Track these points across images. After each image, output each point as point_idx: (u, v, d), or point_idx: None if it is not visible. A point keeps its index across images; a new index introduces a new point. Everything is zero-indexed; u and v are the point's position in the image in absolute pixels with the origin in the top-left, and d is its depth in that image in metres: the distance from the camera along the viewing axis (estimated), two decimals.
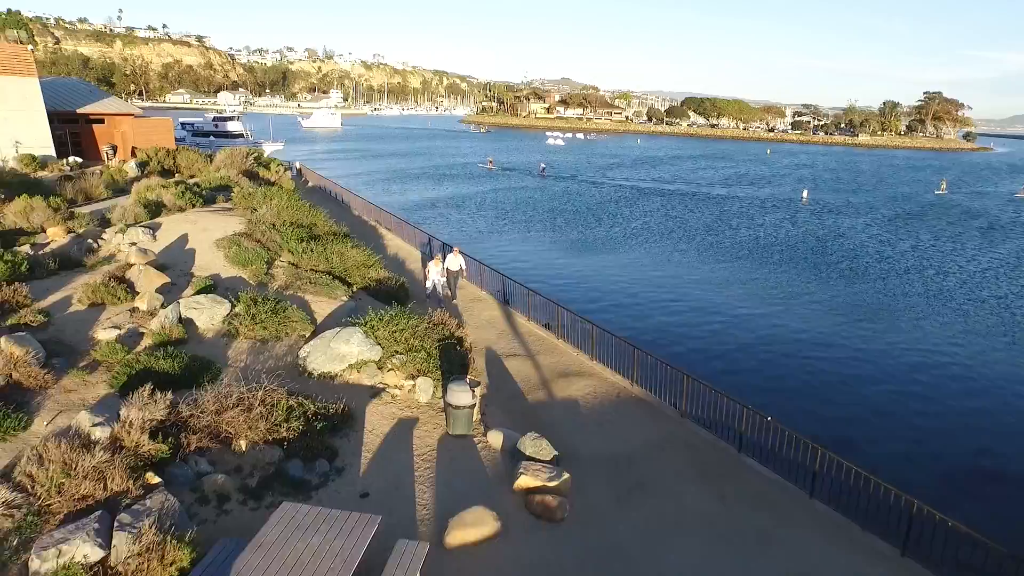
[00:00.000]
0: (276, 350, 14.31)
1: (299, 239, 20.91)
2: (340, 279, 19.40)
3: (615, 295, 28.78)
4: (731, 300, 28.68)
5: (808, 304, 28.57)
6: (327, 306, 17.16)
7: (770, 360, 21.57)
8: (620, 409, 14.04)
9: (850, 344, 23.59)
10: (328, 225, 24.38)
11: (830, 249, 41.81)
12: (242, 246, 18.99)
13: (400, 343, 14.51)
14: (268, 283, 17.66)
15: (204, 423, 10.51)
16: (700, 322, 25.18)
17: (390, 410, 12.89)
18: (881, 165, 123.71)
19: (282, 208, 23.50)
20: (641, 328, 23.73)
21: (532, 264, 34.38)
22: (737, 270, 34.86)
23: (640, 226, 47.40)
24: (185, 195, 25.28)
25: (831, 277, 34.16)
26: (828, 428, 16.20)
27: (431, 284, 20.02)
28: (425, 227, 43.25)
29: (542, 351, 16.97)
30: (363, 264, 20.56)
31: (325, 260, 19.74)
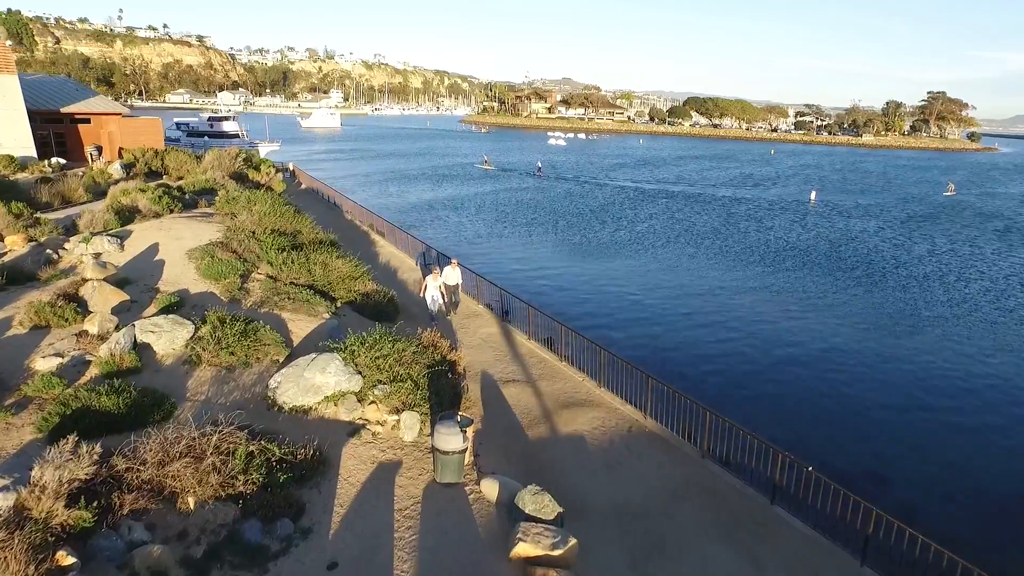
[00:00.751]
0: (244, 379, 12.66)
1: (279, 249, 19.26)
2: (322, 293, 17.75)
3: (622, 307, 27.06)
4: (747, 313, 26.87)
5: (829, 317, 26.78)
6: (306, 325, 15.52)
7: (796, 387, 19.57)
8: (632, 447, 12.37)
9: (883, 366, 21.63)
10: (314, 232, 22.73)
11: (844, 254, 40.12)
12: (215, 257, 17.35)
13: (384, 371, 12.86)
14: (241, 299, 16.01)
15: (144, 478, 8.87)
16: (715, 339, 23.37)
17: (370, 452, 11.24)
18: (887, 166, 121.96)
19: (264, 214, 21.86)
20: (652, 347, 21.97)
21: (533, 271, 32.73)
22: (749, 277, 33.17)
23: (645, 229, 45.73)
24: (162, 200, 23.66)
25: (848, 285, 32.46)
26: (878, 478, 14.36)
27: (431, 300, 18.37)
28: (421, 232, 41.76)
29: (544, 376, 15.31)
30: (349, 276, 18.91)
31: (307, 272, 18.09)
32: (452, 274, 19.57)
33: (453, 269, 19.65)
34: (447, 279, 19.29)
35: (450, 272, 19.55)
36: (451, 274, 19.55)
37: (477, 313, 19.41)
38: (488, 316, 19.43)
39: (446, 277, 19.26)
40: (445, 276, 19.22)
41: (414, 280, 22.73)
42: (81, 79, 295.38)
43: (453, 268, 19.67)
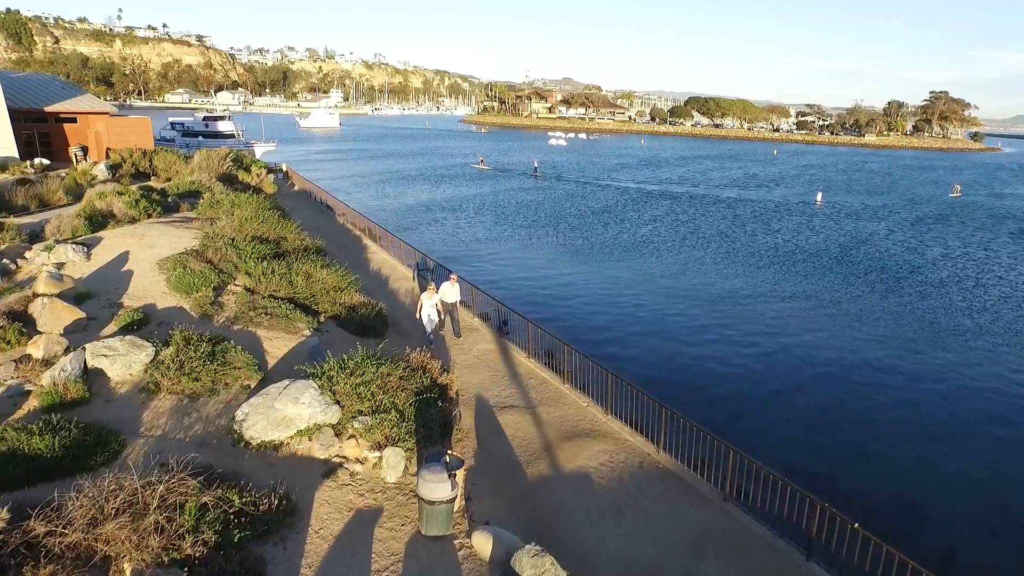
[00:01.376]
0: (208, 409, 11.26)
1: (259, 258, 17.87)
2: (304, 307, 16.36)
3: (627, 318, 25.56)
4: (761, 325, 25.21)
5: (849, 329, 25.18)
6: (283, 344, 14.13)
7: (822, 414, 17.67)
8: (644, 487, 10.97)
9: (915, 388, 19.73)
10: (300, 239, 21.34)
11: (856, 258, 38.70)
12: (187, 268, 15.95)
13: (365, 400, 11.47)
14: (214, 315, 14.62)
15: (69, 542, 7.48)
16: (730, 356, 21.68)
17: (346, 497, 9.85)
18: (892, 166, 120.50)
19: (245, 219, 20.46)
20: (662, 366, 20.44)
21: (533, 278, 31.33)
22: (760, 284, 31.75)
23: (650, 232, 44.31)
24: (139, 204, 22.27)
25: (864, 292, 31.03)
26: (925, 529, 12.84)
27: (427, 321, 16.60)
28: (418, 235, 40.40)
29: (545, 400, 13.91)
30: (334, 287, 17.51)
31: (288, 283, 16.69)
32: (451, 291, 17.59)
33: (452, 285, 17.64)
34: (445, 296, 17.39)
35: (448, 289, 17.56)
36: (449, 291, 17.57)
37: (473, 327, 17.99)
38: (484, 330, 18.02)
39: (444, 294, 17.35)
40: (443, 293, 17.33)
41: (406, 289, 21.34)
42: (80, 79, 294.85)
43: (452, 284, 17.66)
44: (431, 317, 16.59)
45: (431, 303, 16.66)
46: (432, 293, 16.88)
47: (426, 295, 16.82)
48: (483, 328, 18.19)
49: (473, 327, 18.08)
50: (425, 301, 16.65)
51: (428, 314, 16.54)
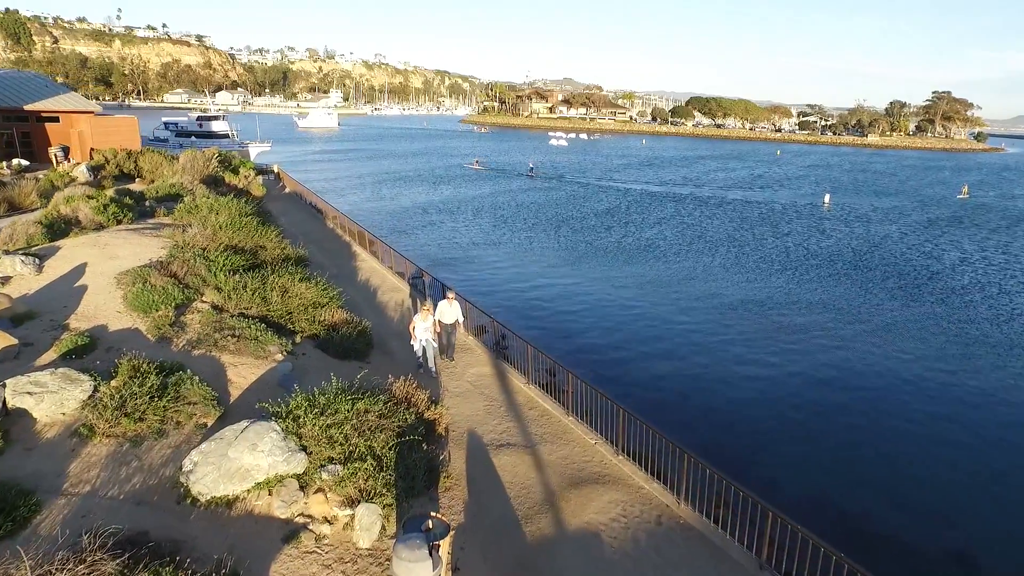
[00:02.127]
0: (152, 457, 9.60)
1: (231, 270, 16.21)
2: (278, 326, 14.70)
3: (636, 332, 23.72)
4: (781, 343, 23.03)
5: (873, 344, 23.29)
6: (251, 371, 12.46)
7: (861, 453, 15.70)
8: (664, 550, 9.30)
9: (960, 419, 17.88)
10: (280, 247, 19.68)
11: (871, 263, 37.01)
12: (147, 283, 14.28)
13: (337, 444, 9.82)
14: (173, 337, 12.95)
15: None
16: (750, 379, 19.62)
17: (310, 569, 8.19)
18: (897, 166, 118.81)
19: (219, 226, 18.80)
20: (672, 389, 18.63)
21: (533, 286, 29.65)
22: (774, 291, 30.05)
23: (655, 235, 42.63)
24: (108, 209, 20.62)
25: (884, 300, 29.35)
26: None
27: (419, 346, 14.52)
28: (413, 239, 38.72)
29: (547, 437, 12.23)
30: (314, 303, 15.85)
31: (261, 299, 15.03)
32: (448, 310, 15.34)
33: (450, 304, 15.38)
34: (443, 316, 15.20)
35: (446, 308, 15.31)
36: (447, 310, 15.32)
37: (467, 346, 16.29)
38: (479, 350, 16.33)
39: (441, 314, 15.16)
40: (440, 313, 15.16)
41: (396, 302, 19.65)
42: (79, 79, 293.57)
43: (449, 303, 15.39)
44: (426, 342, 14.52)
45: (426, 325, 14.45)
46: (427, 313, 14.65)
47: (419, 316, 14.60)
48: (478, 348, 16.50)
49: (467, 346, 16.39)
50: (419, 322, 14.43)
51: (422, 338, 14.47)
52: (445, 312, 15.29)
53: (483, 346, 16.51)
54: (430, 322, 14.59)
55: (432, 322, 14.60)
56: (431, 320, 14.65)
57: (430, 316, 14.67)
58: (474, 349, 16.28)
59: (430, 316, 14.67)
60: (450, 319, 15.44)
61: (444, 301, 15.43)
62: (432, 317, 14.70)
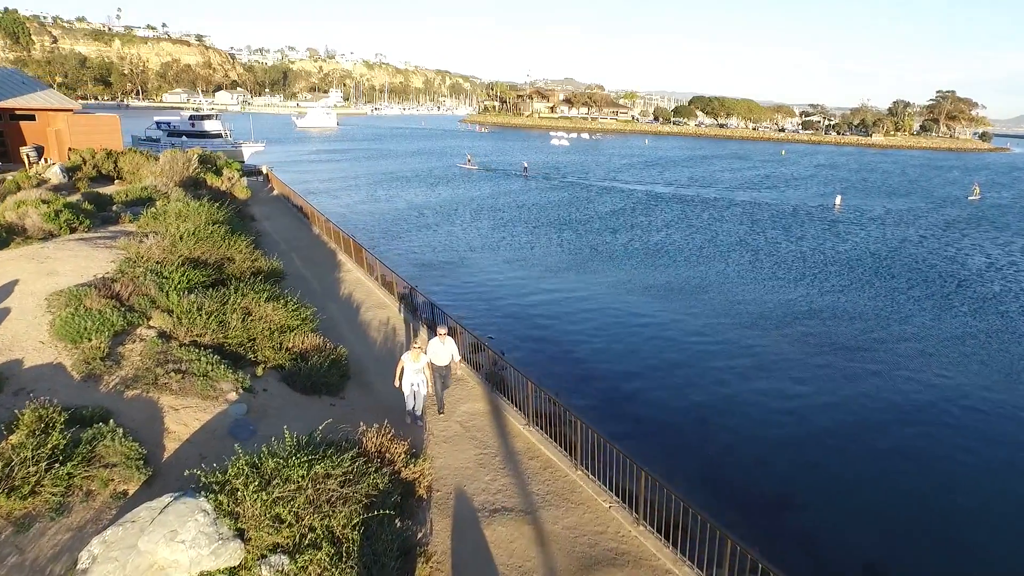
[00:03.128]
0: (42, 547, 7.47)
1: (187, 288, 14.07)
2: (236, 356, 12.57)
3: (649, 354, 21.26)
4: (814, 367, 20.47)
5: (911, 365, 20.93)
6: (195, 416, 10.34)
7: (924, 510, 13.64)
8: None
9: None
10: (250, 259, 17.53)
11: (893, 269, 34.84)
12: (81, 307, 12.14)
13: (287, 524, 7.67)
14: (104, 374, 10.82)
15: None
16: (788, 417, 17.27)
17: None
18: (905, 166, 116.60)
19: (179, 237, 16.65)
20: (702, 435, 16.21)
21: (535, 298, 27.49)
22: (795, 302, 27.88)
23: (663, 240, 40.46)
24: (60, 216, 18.48)
25: (912, 311, 27.18)
26: None
27: (409, 392, 12.05)
28: (407, 243, 36.40)
29: (551, 497, 10.08)
30: (282, 326, 13.71)
31: (219, 324, 12.89)
32: (441, 349, 12.73)
33: (442, 342, 12.75)
34: (435, 356, 12.66)
35: (438, 348, 12.71)
36: (439, 349, 12.72)
37: (458, 378, 14.11)
38: (472, 382, 14.15)
39: (433, 354, 12.63)
40: (432, 352, 12.63)
41: (380, 321, 17.48)
42: (78, 79, 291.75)
43: (442, 340, 12.77)
44: (417, 388, 12.01)
45: (416, 367, 11.91)
46: (418, 353, 12.02)
47: (408, 356, 11.98)
48: (470, 378, 14.32)
49: (457, 377, 14.19)
50: (408, 364, 11.91)
51: (412, 382, 11.94)
52: (437, 352, 12.67)
53: (476, 376, 14.34)
54: (422, 363, 12.02)
55: (424, 364, 12.06)
56: (423, 361, 12.08)
57: (422, 356, 12.10)
58: (466, 380, 14.12)
59: (422, 356, 12.10)
60: (442, 360, 12.76)
61: (435, 339, 12.81)
62: (424, 357, 12.14)
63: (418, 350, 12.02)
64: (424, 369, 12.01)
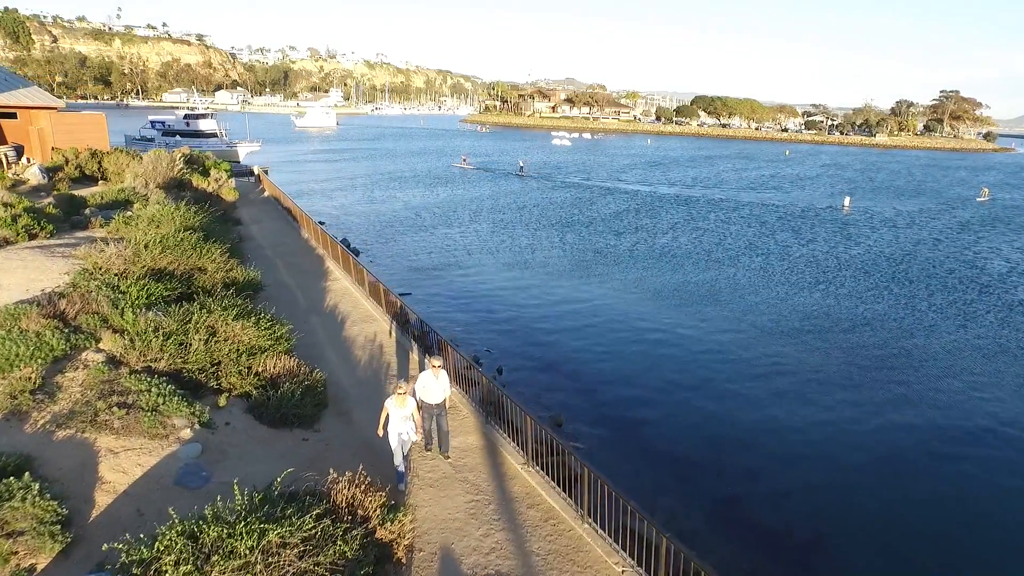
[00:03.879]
0: None
1: (146, 304, 12.57)
2: (197, 384, 11.06)
3: (661, 373, 19.55)
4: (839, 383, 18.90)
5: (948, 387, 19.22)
6: (138, 461, 8.83)
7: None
8: None
9: None
10: (224, 269, 16.00)
11: (910, 274, 33.28)
12: (15, 329, 10.63)
13: None
14: (33, 411, 9.31)
15: None
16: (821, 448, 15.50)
17: None
18: (911, 166, 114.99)
19: (143, 244, 15.13)
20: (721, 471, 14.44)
21: (536, 306, 25.96)
22: (811, 312, 26.30)
23: (669, 242, 38.91)
24: (19, 220, 16.99)
25: (936, 320, 25.63)
26: None
27: (396, 443, 9.88)
28: (402, 246, 34.69)
29: (553, 559, 8.56)
30: (252, 348, 12.20)
31: (178, 345, 11.38)
32: (434, 385, 10.69)
33: (435, 377, 10.70)
34: (426, 394, 10.66)
35: (430, 382, 10.68)
36: (432, 386, 10.69)
37: (449, 406, 12.56)
38: (465, 410, 12.60)
39: (424, 391, 10.67)
40: (422, 389, 10.68)
41: (366, 338, 15.94)
42: (78, 78, 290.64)
43: (435, 375, 10.70)
44: (405, 438, 9.97)
45: (403, 413, 9.87)
46: (403, 398, 9.94)
47: (393, 401, 9.91)
48: (463, 405, 12.78)
49: (449, 405, 12.63)
50: (393, 410, 9.87)
51: (399, 431, 9.84)
52: (429, 388, 10.66)
53: (469, 403, 12.80)
54: (410, 408, 9.98)
55: (412, 408, 10.03)
56: (411, 406, 10.02)
57: (409, 400, 10.04)
58: (458, 408, 12.58)
59: (409, 400, 10.04)
60: (436, 397, 10.68)
61: (427, 373, 10.76)
62: (412, 401, 10.10)
63: (402, 394, 9.97)
64: (413, 415, 10.06)
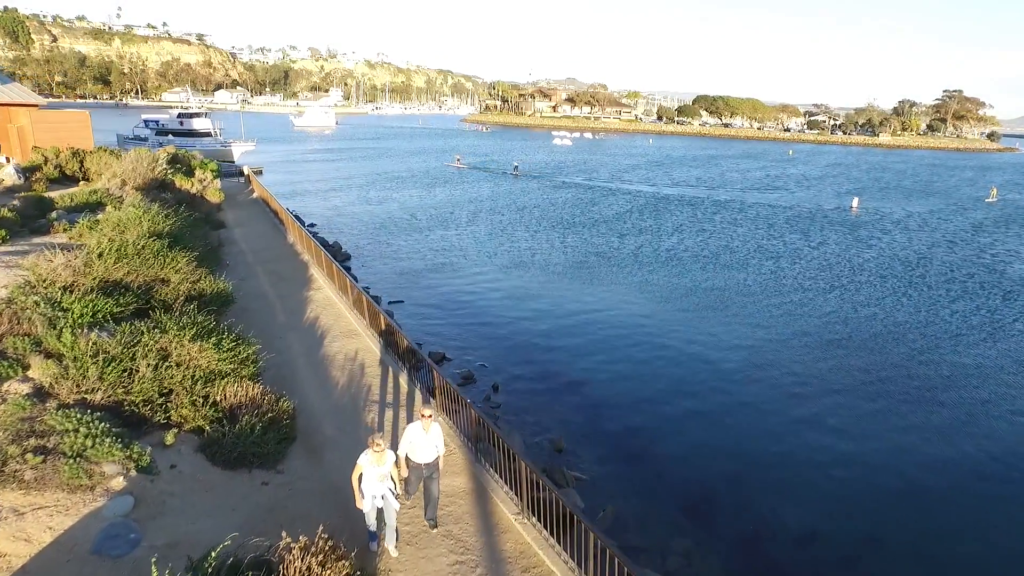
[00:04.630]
0: None
1: (90, 323, 11.04)
2: (141, 420, 9.53)
3: (668, 393, 17.82)
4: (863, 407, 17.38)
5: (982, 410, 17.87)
6: (48, 524, 7.31)
7: None
8: None
9: None
10: (190, 281, 14.46)
11: (928, 279, 31.73)
12: None
13: None
14: None
15: None
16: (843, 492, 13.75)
17: None
18: (916, 166, 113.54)
19: (95, 255, 13.60)
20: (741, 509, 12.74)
21: (535, 318, 24.38)
22: (829, 322, 24.75)
23: (675, 245, 37.35)
24: None
25: (962, 330, 24.07)
26: None
27: (370, 507, 8.00)
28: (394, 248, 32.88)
29: None
30: (210, 373, 10.67)
31: (121, 373, 9.85)
32: (423, 442, 8.63)
33: (425, 430, 8.61)
34: (413, 451, 8.65)
35: (418, 437, 8.61)
36: (421, 441, 8.62)
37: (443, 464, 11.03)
38: (453, 444, 11.04)
39: (411, 446, 8.65)
40: (409, 444, 8.64)
41: (345, 357, 14.39)
42: (77, 77, 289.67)
43: (425, 427, 8.61)
44: (383, 500, 8.01)
45: (380, 472, 7.91)
46: (381, 455, 7.91)
47: (368, 456, 7.87)
48: (451, 438, 11.23)
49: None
50: (367, 468, 7.86)
51: (375, 494, 7.93)
52: (417, 444, 8.60)
53: (458, 436, 11.25)
54: (388, 465, 8.00)
55: (390, 466, 8.03)
56: (391, 461, 8.10)
57: (388, 455, 8.05)
58: (445, 441, 11.02)
59: (388, 455, 8.05)
60: (426, 455, 8.63)
61: (415, 426, 8.65)
62: (391, 456, 8.12)
63: (379, 451, 7.88)
64: (391, 474, 8.07)
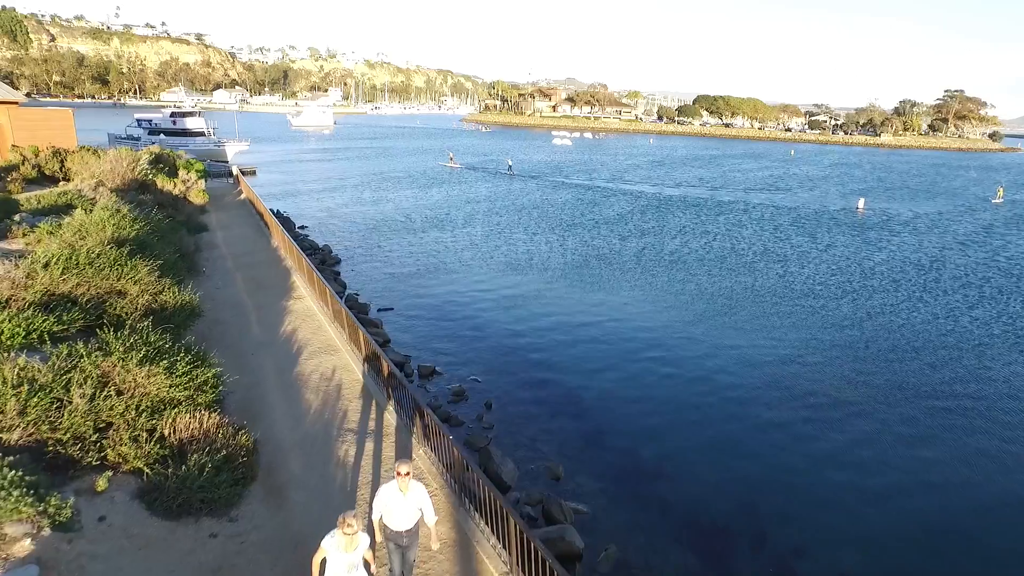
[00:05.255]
0: None
1: (22, 345, 9.72)
2: (69, 461, 8.21)
3: (676, 413, 16.39)
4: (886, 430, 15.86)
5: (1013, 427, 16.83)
6: None
7: None
8: None
9: None
10: (151, 293, 13.13)
11: (942, 283, 30.44)
12: None
13: None
14: None
15: None
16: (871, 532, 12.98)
17: None
18: (919, 166, 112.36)
19: (40, 265, 12.27)
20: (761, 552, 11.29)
21: (531, 329, 23.05)
22: (845, 330, 23.41)
23: (679, 248, 36.03)
24: None
25: (984, 340, 22.72)
26: None
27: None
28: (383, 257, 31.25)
29: None
30: (159, 402, 9.34)
31: (48, 404, 8.53)
32: (400, 506, 7.02)
33: (403, 493, 6.98)
34: (390, 518, 7.06)
35: (394, 500, 7.00)
36: (397, 505, 7.01)
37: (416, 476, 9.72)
38: (435, 484, 9.70)
39: (386, 511, 7.06)
40: (383, 508, 7.05)
41: (320, 376, 13.04)
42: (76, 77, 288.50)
43: (402, 487, 6.96)
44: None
45: (349, 560, 6.25)
46: (352, 538, 6.17)
47: (334, 540, 6.21)
48: (432, 477, 9.90)
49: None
50: (332, 554, 6.24)
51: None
52: (393, 508, 7.00)
53: (441, 475, 9.91)
54: (360, 551, 6.33)
55: (364, 549, 6.40)
56: (363, 546, 6.37)
57: (362, 539, 6.34)
58: (427, 479, 9.70)
59: (362, 539, 6.34)
60: (404, 522, 7.07)
61: (390, 486, 7.01)
62: (364, 540, 6.39)
63: (350, 533, 6.13)
64: (366, 558, 6.49)
